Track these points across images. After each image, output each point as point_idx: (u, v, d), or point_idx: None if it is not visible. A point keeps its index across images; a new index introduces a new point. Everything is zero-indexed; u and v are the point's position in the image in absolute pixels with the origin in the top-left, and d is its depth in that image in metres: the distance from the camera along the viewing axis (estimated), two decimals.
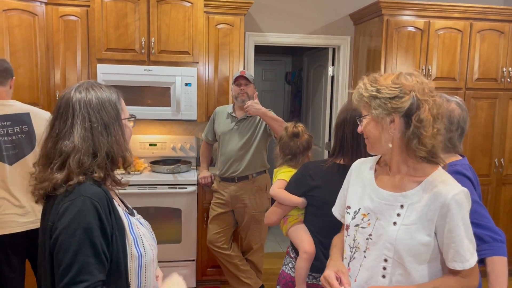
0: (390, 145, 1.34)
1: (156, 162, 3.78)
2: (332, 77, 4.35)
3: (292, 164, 2.10)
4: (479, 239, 1.54)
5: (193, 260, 3.51)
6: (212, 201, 3.33)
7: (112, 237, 1.19)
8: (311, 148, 2.15)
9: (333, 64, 4.33)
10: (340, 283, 1.34)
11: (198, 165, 3.88)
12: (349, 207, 1.50)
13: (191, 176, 3.52)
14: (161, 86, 3.48)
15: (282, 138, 2.14)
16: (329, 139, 4.41)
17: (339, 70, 4.23)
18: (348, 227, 1.48)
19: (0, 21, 3.14)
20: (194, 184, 3.41)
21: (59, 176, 1.19)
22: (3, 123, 2.41)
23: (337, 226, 1.67)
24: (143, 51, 3.45)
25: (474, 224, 1.49)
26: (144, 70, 3.43)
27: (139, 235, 1.29)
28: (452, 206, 1.29)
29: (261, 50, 4.93)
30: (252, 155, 3.14)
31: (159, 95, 3.49)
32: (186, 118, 3.53)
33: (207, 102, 3.69)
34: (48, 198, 1.23)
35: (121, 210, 1.28)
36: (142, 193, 3.35)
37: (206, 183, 3.39)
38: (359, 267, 1.43)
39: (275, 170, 2.17)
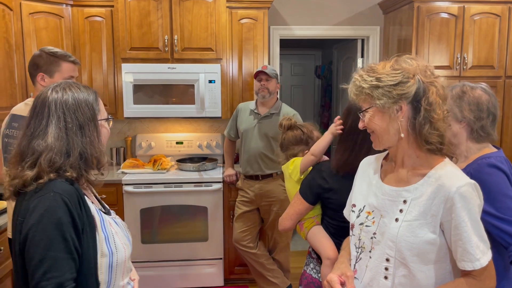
0: (402, 135, 1.26)
1: (182, 160, 3.78)
2: (362, 69, 4.20)
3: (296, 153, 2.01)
4: (510, 237, 1.43)
5: (221, 258, 3.48)
6: (237, 199, 3.29)
7: (83, 233, 1.20)
8: (304, 144, 2.02)
9: (362, 56, 4.18)
10: (344, 287, 1.28)
11: (224, 162, 3.85)
12: (354, 205, 1.43)
13: (217, 173, 3.49)
14: (185, 84, 3.46)
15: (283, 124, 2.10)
16: None
17: (369, 61, 4.08)
18: (353, 226, 1.41)
19: (27, 24, 3.21)
20: (219, 182, 3.38)
21: (29, 173, 1.20)
22: (13, 124, 2.26)
23: None
24: (166, 49, 3.44)
25: (505, 220, 1.43)
26: (168, 68, 3.42)
27: (111, 233, 1.29)
28: (456, 200, 1.19)
29: (289, 45, 4.84)
30: (275, 152, 3.07)
31: (183, 92, 3.47)
32: (210, 115, 3.50)
33: (232, 99, 3.64)
34: (19, 195, 1.24)
35: (93, 207, 1.28)
36: (169, 191, 3.34)
37: (231, 181, 3.35)
38: (365, 268, 1.34)
39: (287, 168, 2.01)
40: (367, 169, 1.46)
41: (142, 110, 3.47)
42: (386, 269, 1.27)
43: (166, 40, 3.43)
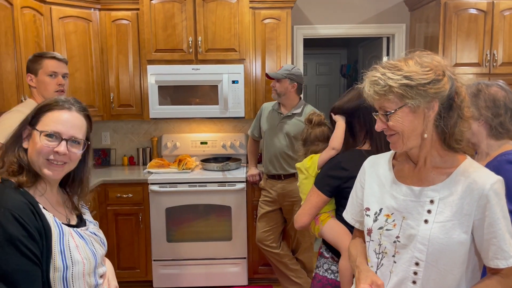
0: (426, 135, 1.21)
1: (207, 160, 3.82)
2: None
3: (308, 151, 2.00)
4: None
5: (244, 258, 3.50)
6: (260, 199, 3.30)
7: (41, 243, 1.20)
8: (328, 141, 1.94)
9: (387, 54, 4.11)
10: None
11: (247, 162, 3.87)
12: (368, 209, 1.36)
13: (240, 173, 3.51)
14: (209, 85, 3.49)
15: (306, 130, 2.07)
16: None
17: (395, 60, 4.00)
18: (370, 231, 1.34)
19: (57, 29, 3.31)
20: (243, 182, 3.40)
21: None
22: None
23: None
24: (190, 50, 3.49)
25: None
26: (192, 69, 3.47)
27: (68, 246, 1.26)
28: (491, 197, 1.17)
29: (314, 44, 4.82)
30: (297, 152, 3.06)
31: (207, 93, 3.51)
32: (234, 115, 3.52)
33: (255, 99, 3.65)
34: None
35: (51, 219, 1.26)
36: (193, 191, 3.39)
37: (254, 181, 3.36)
38: (389, 274, 1.29)
39: (298, 164, 2.02)
40: (374, 170, 1.41)
41: (167, 111, 3.53)
42: (415, 273, 1.23)
43: (190, 42, 3.47)
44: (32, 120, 1.30)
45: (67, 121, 1.30)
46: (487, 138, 1.62)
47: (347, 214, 1.51)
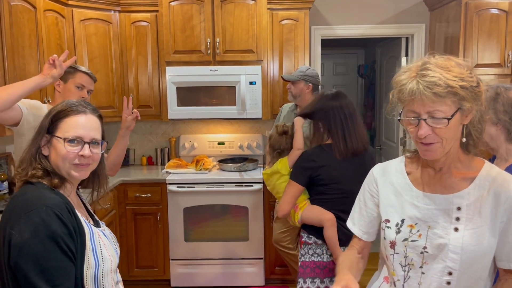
0: (464, 139, 1.17)
1: (224, 161, 3.84)
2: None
3: (278, 159, 2.34)
4: None
5: (261, 258, 3.52)
6: (276, 200, 3.30)
7: (76, 242, 1.24)
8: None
9: (406, 55, 4.07)
10: None
11: (265, 163, 3.87)
12: (388, 221, 1.30)
13: (257, 174, 3.52)
14: (227, 86, 3.51)
15: (272, 135, 2.41)
16: (404, 135, 4.16)
17: (413, 60, 3.96)
18: (394, 243, 1.27)
19: (78, 31, 3.38)
20: (260, 182, 3.41)
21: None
22: None
23: (346, 196, 1.95)
24: (208, 51, 3.51)
25: None
26: (210, 70, 3.49)
27: (99, 244, 1.32)
28: None
29: (331, 44, 4.79)
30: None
31: (225, 94, 3.53)
32: (251, 116, 3.53)
33: (272, 100, 3.66)
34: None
35: (82, 219, 1.31)
36: (210, 191, 3.41)
37: None
38: (418, 285, 1.24)
39: (269, 170, 2.36)
40: (386, 178, 1.35)
41: (185, 112, 3.56)
42: (448, 283, 1.19)
43: (208, 43, 3.50)
44: (50, 128, 1.33)
45: (86, 125, 1.34)
46: (505, 143, 1.60)
47: (354, 227, 1.45)
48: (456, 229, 1.19)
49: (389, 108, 1.30)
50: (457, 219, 1.20)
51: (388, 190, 1.33)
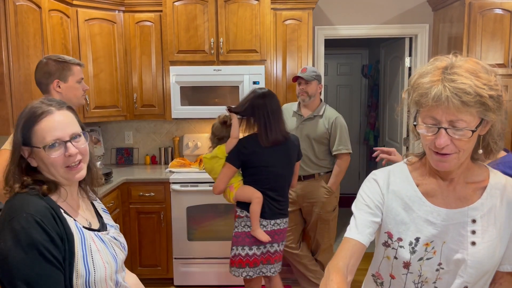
0: (481, 151, 1.11)
1: None
2: (410, 68, 4.09)
3: (218, 145, 2.65)
4: None
5: None
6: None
7: (64, 249, 1.19)
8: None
9: (410, 55, 4.07)
10: None
11: None
12: (400, 240, 1.18)
13: None
14: (230, 85, 3.53)
15: (215, 125, 2.70)
16: (407, 135, 4.16)
17: (417, 60, 3.96)
18: (408, 264, 1.18)
19: (83, 31, 3.40)
20: None
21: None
22: None
23: (272, 177, 2.50)
24: (212, 51, 3.53)
25: None
26: (214, 70, 3.51)
27: (90, 251, 1.25)
28: None
29: (335, 44, 4.80)
30: (317, 155, 3.07)
31: (228, 94, 3.54)
32: None
33: None
34: None
35: (72, 223, 1.24)
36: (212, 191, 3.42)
37: None
38: None
39: (209, 155, 2.66)
40: (393, 189, 1.22)
41: (189, 111, 3.58)
42: None
43: (212, 43, 3.51)
44: (25, 140, 1.24)
45: (59, 124, 1.24)
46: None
47: (358, 235, 1.20)
48: (473, 243, 1.13)
49: (399, 109, 1.23)
50: (473, 232, 1.14)
51: (397, 205, 1.21)
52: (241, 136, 2.58)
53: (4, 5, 2.49)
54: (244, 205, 2.53)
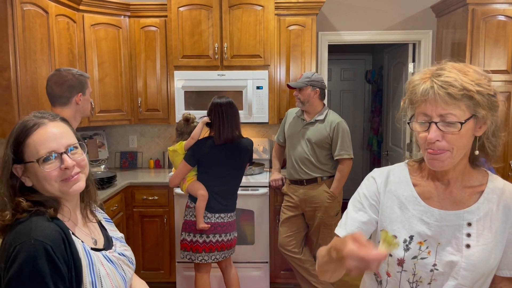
0: (477, 152, 1.13)
1: None
2: (413, 74, 4.10)
3: (180, 140, 2.98)
4: None
5: (266, 262, 3.53)
6: (282, 204, 3.32)
7: (70, 278, 1.11)
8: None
9: (413, 61, 4.08)
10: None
11: (271, 167, 3.90)
12: (395, 237, 1.20)
13: (263, 178, 3.54)
14: (234, 90, 3.55)
15: (180, 120, 3.04)
16: (411, 140, 4.16)
17: (420, 66, 3.97)
18: (402, 261, 1.20)
19: (89, 35, 3.44)
20: (266, 186, 3.43)
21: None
22: None
23: (220, 177, 2.83)
24: (216, 56, 3.55)
25: None
26: (218, 75, 3.53)
27: (99, 276, 1.17)
28: None
29: (339, 49, 4.82)
30: (319, 159, 3.08)
31: (232, 98, 3.54)
32: (258, 120, 3.56)
33: (279, 105, 3.68)
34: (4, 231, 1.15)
35: (80, 247, 1.16)
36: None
37: (277, 186, 3.39)
38: None
39: (172, 148, 2.97)
40: (390, 189, 1.26)
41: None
42: None
43: (216, 48, 3.54)
44: (16, 157, 1.15)
45: (53, 135, 1.16)
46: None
47: (345, 233, 1.27)
48: (468, 246, 1.15)
49: (399, 114, 1.25)
50: (468, 235, 1.15)
51: (393, 203, 1.24)
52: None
53: (11, 10, 2.53)
54: (194, 198, 2.85)
